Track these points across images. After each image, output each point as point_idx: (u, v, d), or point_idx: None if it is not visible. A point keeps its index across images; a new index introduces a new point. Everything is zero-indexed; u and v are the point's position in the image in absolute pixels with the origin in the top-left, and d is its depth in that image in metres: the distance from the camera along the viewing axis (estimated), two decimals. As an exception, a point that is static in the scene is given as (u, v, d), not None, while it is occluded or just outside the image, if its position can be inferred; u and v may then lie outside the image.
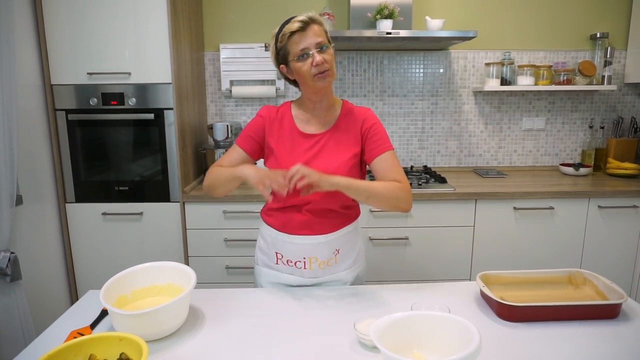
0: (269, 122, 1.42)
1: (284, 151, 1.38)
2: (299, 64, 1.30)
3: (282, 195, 1.23)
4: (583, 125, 2.98)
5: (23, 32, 2.12)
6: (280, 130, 1.41)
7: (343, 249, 1.43)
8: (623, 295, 1.18)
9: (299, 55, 1.29)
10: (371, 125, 1.39)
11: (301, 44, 1.28)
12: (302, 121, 1.42)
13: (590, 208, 2.40)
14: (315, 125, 1.41)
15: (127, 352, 0.92)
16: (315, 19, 1.30)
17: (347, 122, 1.41)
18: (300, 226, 1.38)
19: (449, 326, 0.98)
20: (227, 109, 2.90)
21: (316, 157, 1.37)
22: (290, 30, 1.28)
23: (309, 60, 1.28)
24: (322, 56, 1.29)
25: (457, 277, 2.45)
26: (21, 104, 2.06)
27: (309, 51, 1.28)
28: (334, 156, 1.37)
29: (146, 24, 2.21)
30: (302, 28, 1.27)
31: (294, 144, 1.39)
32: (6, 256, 1.84)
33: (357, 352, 1.05)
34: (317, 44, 1.28)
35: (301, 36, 1.28)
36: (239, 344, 1.09)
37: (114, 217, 2.38)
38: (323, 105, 1.41)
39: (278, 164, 1.37)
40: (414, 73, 2.89)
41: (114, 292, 1.16)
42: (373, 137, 1.38)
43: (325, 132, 1.40)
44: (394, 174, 1.35)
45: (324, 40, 1.30)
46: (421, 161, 3.00)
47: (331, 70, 1.32)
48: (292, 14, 1.32)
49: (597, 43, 2.83)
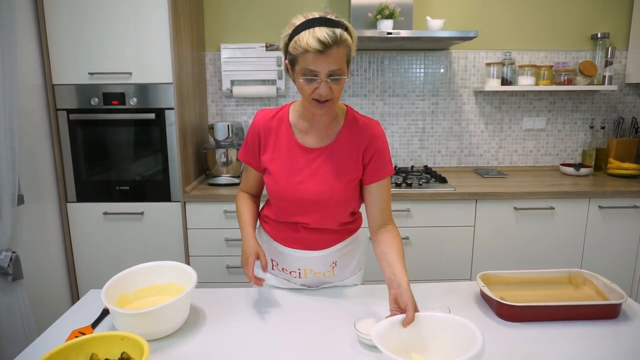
0: (264, 133, 1.30)
1: (279, 166, 1.29)
2: (302, 81, 1.14)
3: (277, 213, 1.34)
4: (584, 125, 2.97)
5: (24, 32, 2.13)
6: (277, 142, 1.29)
7: (341, 262, 1.40)
8: (623, 296, 1.18)
9: (306, 76, 1.12)
10: (377, 148, 1.27)
11: (312, 66, 1.10)
12: (300, 131, 1.29)
13: (591, 208, 2.40)
14: (314, 137, 1.28)
15: (129, 351, 0.93)
16: (342, 39, 1.09)
17: (349, 137, 1.27)
18: (296, 241, 1.35)
19: (452, 327, 0.99)
20: (227, 109, 2.90)
21: (313, 176, 1.27)
22: (306, 48, 1.08)
23: (314, 84, 1.13)
24: (330, 87, 1.12)
25: (457, 277, 2.45)
26: (22, 104, 2.07)
27: (317, 77, 1.11)
28: (332, 179, 1.26)
29: (147, 24, 2.21)
30: (320, 51, 1.08)
31: (290, 159, 1.28)
32: (8, 255, 1.84)
33: (357, 352, 1.05)
34: (329, 73, 1.11)
35: (316, 58, 1.09)
36: (239, 344, 1.09)
37: (115, 216, 2.38)
38: (324, 119, 1.27)
39: (275, 181, 1.29)
40: (414, 73, 2.89)
41: (115, 291, 1.17)
42: (377, 161, 1.28)
43: (325, 147, 1.27)
44: (386, 205, 1.30)
45: (340, 69, 1.11)
46: (422, 161, 3.00)
47: (334, 100, 1.17)
48: (293, 14, 1.17)
49: (598, 43, 2.83)
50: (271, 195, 1.34)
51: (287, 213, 1.33)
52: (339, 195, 1.27)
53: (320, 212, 1.29)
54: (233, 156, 2.54)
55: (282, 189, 1.28)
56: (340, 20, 1.13)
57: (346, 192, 1.28)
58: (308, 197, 1.27)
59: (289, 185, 1.28)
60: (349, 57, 1.15)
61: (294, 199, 1.28)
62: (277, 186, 1.29)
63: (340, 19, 1.13)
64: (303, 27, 1.10)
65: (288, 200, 1.29)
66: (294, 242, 1.35)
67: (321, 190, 1.26)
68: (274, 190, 1.31)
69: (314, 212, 1.29)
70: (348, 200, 1.30)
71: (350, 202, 1.32)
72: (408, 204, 2.37)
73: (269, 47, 2.76)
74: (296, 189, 1.27)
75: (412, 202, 2.36)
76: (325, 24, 1.09)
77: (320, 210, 1.29)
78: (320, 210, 1.29)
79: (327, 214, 1.30)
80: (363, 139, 1.27)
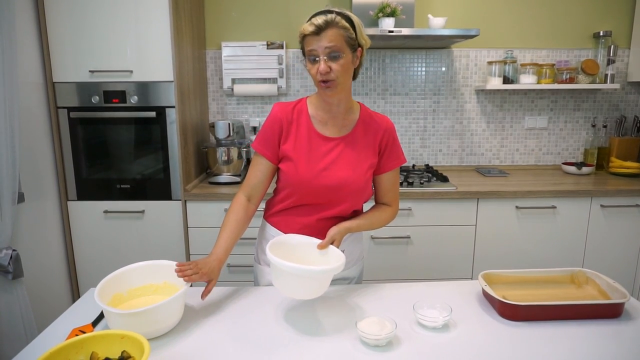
0: (286, 125, 1.35)
1: (301, 154, 1.34)
2: (309, 65, 1.27)
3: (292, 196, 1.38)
4: (586, 124, 2.97)
5: (25, 30, 2.12)
6: (298, 132, 1.35)
7: (348, 249, 1.42)
8: (626, 295, 1.18)
9: (309, 57, 1.25)
10: (390, 139, 1.38)
11: (311, 46, 1.23)
12: (319, 122, 1.36)
13: (593, 207, 2.39)
14: (333, 127, 1.36)
15: (129, 349, 0.92)
16: (334, 22, 1.22)
17: (365, 129, 1.37)
18: (304, 230, 1.36)
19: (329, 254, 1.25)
20: (228, 107, 2.90)
21: (334, 164, 1.33)
22: (304, 32, 1.23)
23: (316, 65, 1.24)
24: (328, 64, 1.22)
25: (459, 276, 2.45)
26: (23, 102, 2.06)
27: (316, 56, 1.23)
28: (353, 166, 1.34)
29: (148, 22, 2.21)
30: (315, 32, 1.21)
31: (311, 147, 1.34)
32: (8, 253, 1.84)
33: (359, 351, 1.05)
34: (326, 49, 1.22)
35: (312, 39, 1.22)
36: (237, 343, 1.09)
37: (115, 215, 2.38)
38: (341, 109, 1.35)
39: (296, 168, 1.33)
40: (416, 71, 2.88)
41: (109, 290, 1.16)
42: (391, 151, 1.39)
43: (343, 136, 1.36)
44: (395, 194, 1.45)
45: (336, 46, 1.22)
46: (423, 160, 3.00)
47: (337, 80, 1.25)
48: (295, 12, 1.29)
49: (600, 41, 2.82)
50: (291, 182, 1.35)
51: (305, 200, 1.36)
52: (360, 182, 1.34)
53: (339, 198, 1.35)
54: (234, 155, 2.54)
55: (303, 175, 1.32)
56: (342, 11, 1.26)
57: (366, 178, 1.36)
58: (331, 183, 1.33)
59: (311, 172, 1.32)
60: (348, 39, 1.24)
61: (317, 185, 1.33)
62: (298, 172, 1.32)
63: (341, 10, 1.26)
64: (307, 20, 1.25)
65: (310, 187, 1.33)
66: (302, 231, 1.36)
67: (344, 176, 1.33)
68: (295, 177, 1.33)
69: (335, 199, 1.35)
70: (367, 186, 1.38)
71: (367, 189, 1.40)
72: (409, 202, 2.36)
73: (270, 45, 2.75)
74: (320, 175, 1.33)
75: (414, 201, 2.36)
76: (323, 12, 1.24)
77: (341, 196, 1.34)
78: (340, 196, 1.35)
79: (346, 200, 1.35)
80: (379, 130, 1.37)
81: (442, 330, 1.14)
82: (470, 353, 1.04)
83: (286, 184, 1.37)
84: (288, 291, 1.16)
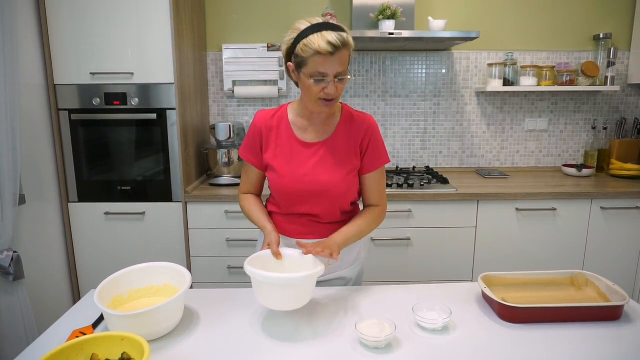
0: (266, 132, 1.37)
1: (283, 162, 1.36)
2: (311, 82, 1.22)
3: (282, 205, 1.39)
4: (586, 126, 2.97)
5: (26, 32, 2.13)
6: (278, 140, 1.37)
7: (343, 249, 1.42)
8: (625, 297, 1.18)
9: (315, 77, 1.21)
10: (371, 139, 1.37)
11: (322, 68, 1.19)
12: (299, 128, 1.37)
13: (593, 209, 2.39)
14: (313, 133, 1.37)
15: (129, 351, 0.93)
16: (347, 42, 1.20)
17: (346, 131, 1.36)
18: (299, 232, 1.40)
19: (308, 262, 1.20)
20: (229, 109, 2.90)
21: (315, 169, 1.34)
22: (318, 50, 1.17)
23: (322, 85, 1.22)
24: (336, 86, 1.23)
25: (459, 278, 2.45)
26: (24, 104, 2.07)
27: (326, 78, 1.21)
28: (335, 170, 1.34)
29: (149, 24, 2.21)
30: (331, 53, 1.17)
31: (292, 154, 1.35)
32: (9, 255, 1.84)
33: (359, 353, 1.05)
34: (337, 74, 1.21)
35: (326, 60, 1.18)
36: (236, 345, 1.09)
37: (116, 216, 2.38)
38: (322, 116, 1.36)
39: (279, 177, 1.35)
40: (416, 73, 2.89)
41: (110, 292, 1.16)
42: (372, 151, 1.37)
43: (324, 141, 1.36)
44: (380, 194, 1.42)
45: (345, 70, 1.23)
46: (423, 162, 3.00)
47: (337, 98, 1.28)
48: (295, 15, 1.27)
49: (600, 44, 2.82)
50: (276, 190, 1.39)
51: (293, 206, 1.38)
52: (342, 185, 1.34)
53: (324, 202, 1.35)
54: (235, 156, 2.55)
55: (287, 183, 1.34)
56: (340, 25, 1.23)
57: (348, 181, 1.35)
58: (313, 189, 1.33)
59: (293, 179, 1.33)
60: (350, 59, 1.26)
61: (300, 191, 1.34)
62: (282, 181, 1.35)
63: (340, 24, 1.23)
64: (311, 31, 1.19)
65: (293, 193, 1.35)
66: (300, 233, 1.39)
67: (326, 181, 1.33)
68: (279, 185, 1.36)
69: (319, 203, 1.35)
70: (350, 189, 1.37)
71: (352, 192, 1.39)
72: (409, 204, 2.36)
73: (271, 47, 2.76)
74: (301, 181, 1.33)
75: (414, 202, 2.36)
76: (331, 28, 1.19)
77: (325, 200, 1.35)
78: (324, 201, 1.35)
79: (331, 204, 1.36)
80: (360, 131, 1.36)
81: (441, 332, 1.14)
82: (469, 355, 1.04)
83: (273, 190, 1.42)
84: (270, 303, 1.15)
